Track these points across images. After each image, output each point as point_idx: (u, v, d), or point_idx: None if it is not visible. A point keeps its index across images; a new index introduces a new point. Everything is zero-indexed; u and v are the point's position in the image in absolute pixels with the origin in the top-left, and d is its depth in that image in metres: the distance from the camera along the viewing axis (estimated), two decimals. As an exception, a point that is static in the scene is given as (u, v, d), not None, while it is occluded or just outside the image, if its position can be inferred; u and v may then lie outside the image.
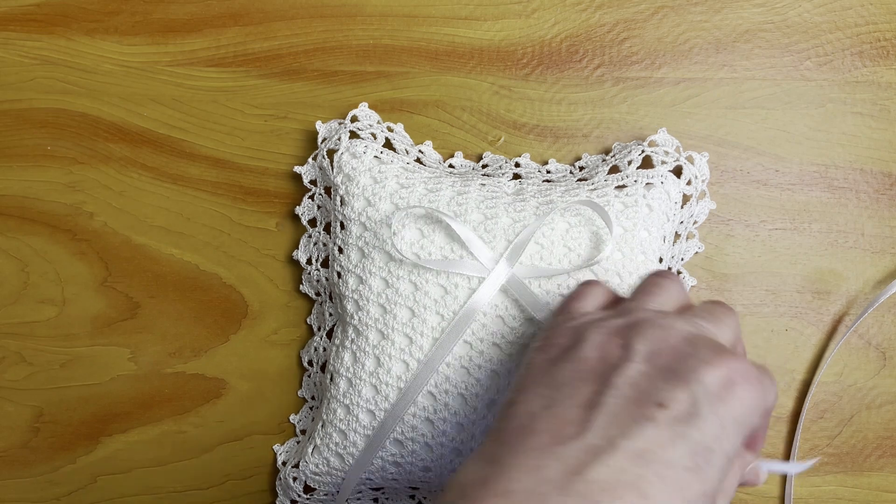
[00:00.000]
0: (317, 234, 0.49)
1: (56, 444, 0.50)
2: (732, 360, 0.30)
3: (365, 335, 0.45)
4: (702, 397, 0.28)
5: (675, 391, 0.29)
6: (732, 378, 0.29)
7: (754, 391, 0.30)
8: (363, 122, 0.47)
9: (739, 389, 0.29)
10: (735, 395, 0.29)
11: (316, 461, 0.47)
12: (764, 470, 0.34)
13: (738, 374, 0.29)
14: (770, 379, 0.31)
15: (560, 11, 0.50)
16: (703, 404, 0.28)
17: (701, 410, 0.28)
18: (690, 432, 0.27)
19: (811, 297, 0.49)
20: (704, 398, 0.28)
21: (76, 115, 0.51)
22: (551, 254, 0.44)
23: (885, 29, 0.50)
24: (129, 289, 0.50)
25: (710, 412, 0.28)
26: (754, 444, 0.34)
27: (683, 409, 0.28)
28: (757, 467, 0.34)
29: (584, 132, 0.50)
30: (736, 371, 0.29)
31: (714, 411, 0.28)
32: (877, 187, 0.49)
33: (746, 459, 0.33)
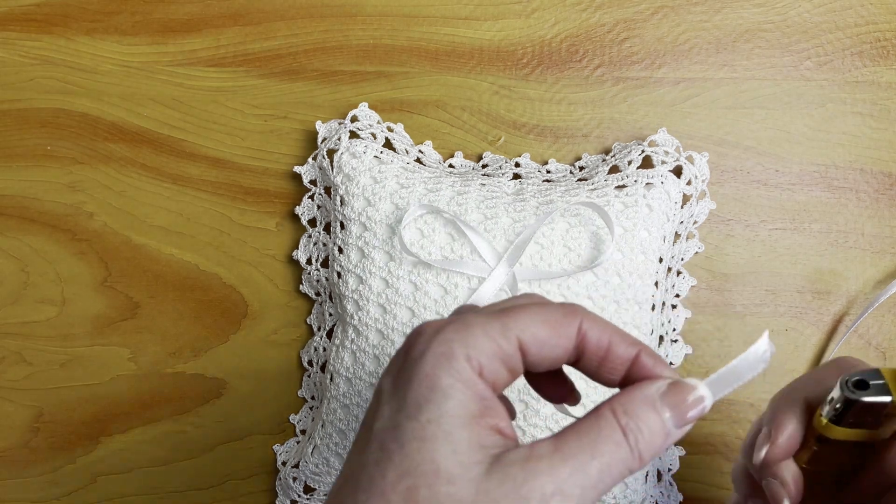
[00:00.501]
0: (317, 234, 0.49)
1: (56, 444, 0.50)
2: (416, 332, 0.27)
3: (365, 335, 0.45)
4: (385, 388, 0.26)
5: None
6: (407, 347, 0.26)
7: (428, 345, 0.26)
8: (363, 122, 0.47)
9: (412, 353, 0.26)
10: (411, 362, 0.26)
11: (316, 461, 0.47)
12: (699, 392, 0.26)
13: (412, 336, 0.26)
14: (457, 322, 0.26)
15: (560, 11, 0.50)
16: (384, 394, 0.26)
17: (381, 400, 0.26)
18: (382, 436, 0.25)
19: (811, 297, 0.49)
20: (387, 388, 0.26)
21: (76, 115, 0.51)
22: (551, 254, 0.44)
23: (885, 29, 0.50)
24: (129, 289, 0.50)
25: (391, 395, 0.26)
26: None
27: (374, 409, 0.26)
28: (677, 391, 0.26)
29: (584, 132, 0.50)
30: (412, 335, 0.27)
31: (394, 394, 0.25)
32: (877, 187, 0.49)
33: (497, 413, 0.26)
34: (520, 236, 0.44)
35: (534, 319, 0.26)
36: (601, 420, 0.25)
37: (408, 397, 0.25)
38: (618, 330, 0.27)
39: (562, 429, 0.25)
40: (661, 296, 0.47)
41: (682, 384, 0.26)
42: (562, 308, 0.27)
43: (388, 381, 0.26)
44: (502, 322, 0.26)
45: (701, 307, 0.49)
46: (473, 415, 0.25)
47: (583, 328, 0.27)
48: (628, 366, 0.27)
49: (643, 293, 0.45)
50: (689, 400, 0.26)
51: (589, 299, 0.44)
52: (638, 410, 0.26)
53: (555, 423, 0.44)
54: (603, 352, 0.27)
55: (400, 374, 0.26)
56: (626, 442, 0.25)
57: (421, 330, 0.26)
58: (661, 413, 0.26)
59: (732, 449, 0.49)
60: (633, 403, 0.26)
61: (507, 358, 0.26)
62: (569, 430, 0.25)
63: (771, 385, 0.49)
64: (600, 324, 0.27)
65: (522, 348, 0.26)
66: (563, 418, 0.44)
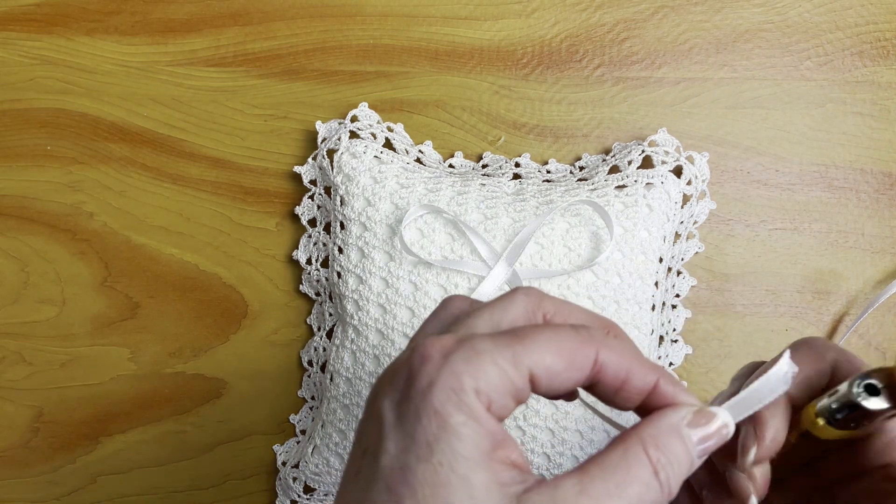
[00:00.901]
0: (317, 234, 0.49)
1: (56, 444, 0.50)
2: (415, 352, 0.24)
3: (365, 335, 0.45)
4: (387, 415, 0.24)
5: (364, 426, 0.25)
6: (411, 373, 0.24)
7: (431, 370, 0.24)
8: (363, 122, 0.47)
9: (418, 375, 0.24)
10: (417, 384, 0.24)
11: (316, 461, 0.47)
12: (721, 420, 0.26)
13: (418, 361, 0.24)
14: (466, 348, 0.24)
15: (560, 11, 0.50)
16: (388, 425, 0.24)
17: (386, 433, 0.24)
18: (379, 464, 0.23)
19: (811, 297, 0.49)
20: (390, 414, 0.24)
21: (76, 115, 0.51)
22: (551, 254, 0.44)
23: (885, 29, 0.50)
24: (129, 289, 0.50)
25: (396, 427, 0.23)
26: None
27: (373, 441, 0.24)
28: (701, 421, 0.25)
29: (584, 132, 0.50)
30: (416, 359, 0.24)
31: (403, 422, 0.23)
32: (877, 187, 0.49)
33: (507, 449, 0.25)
34: (518, 235, 0.44)
35: (548, 349, 0.24)
36: (630, 456, 0.24)
37: (416, 435, 0.23)
38: (636, 356, 0.25)
39: (585, 461, 0.24)
40: (661, 296, 0.47)
41: (705, 412, 0.25)
42: (577, 335, 0.25)
43: (389, 406, 0.24)
44: (514, 351, 0.24)
45: (701, 307, 0.49)
46: (486, 453, 0.23)
47: (599, 359, 0.25)
48: (647, 394, 0.25)
49: (643, 293, 0.45)
50: (713, 429, 0.25)
51: (589, 299, 0.44)
52: (667, 443, 0.24)
53: (554, 423, 0.44)
54: (620, 382, 0.25)
55: (405, 402, 0.24)
56: (656, 480, 0.24)
57: (426, 354, 0.24)
58: (687, 443, 0.25)
59: (732, 449, 0.49)
60: (662, 435, 0.24)
61: (516, 391, 0.24)
62: (594, 467, 0.23)
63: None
64: (618, 352, 0.25)
65: (533, 380, 0.24)
66: (563, 418, 0.44)
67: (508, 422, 0.44)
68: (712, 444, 0.25)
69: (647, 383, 0.25)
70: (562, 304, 0.27)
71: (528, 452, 0.44)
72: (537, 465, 0.44)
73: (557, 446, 0.44)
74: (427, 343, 0.24)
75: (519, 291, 0.27)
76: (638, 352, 0.26)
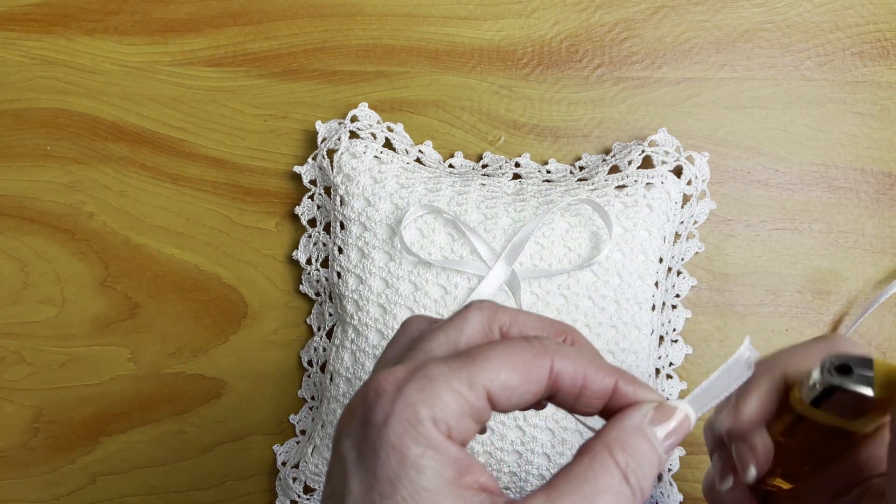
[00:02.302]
0: (317, 234, 0.48)
1: (56, 444, 0.50)
2: (369, 387, 0.24)
3: (365, 335, 0.45)
4: (348, 455, 0.24)
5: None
6: (367, 409, 0.24)
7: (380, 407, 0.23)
8: (363, 122, 0.47)
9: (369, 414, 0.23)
10: (369, 426, 0.23)
11: (316, 461, 0.47)
12: (683, 413, 0.25)
13: (372, 396, 0.24)
14: (419, 377, 0.24)
15: (560, 11, 0.50)
16: (349, 464, 0.24)
17: (348, 471, 0.23)
18: None
19: (811, 297, 0.49)
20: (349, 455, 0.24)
21: (76, 115, 0.51)
22: (551, 254, 0.44)
23: (885, 29, 0.50)
24: (129, 289, 0.50)
25: (358, 466, 0.23)
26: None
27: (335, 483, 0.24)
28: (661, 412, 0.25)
29: (584, 132, 0.50)
30: (371, 394, 0.24)
31: (359, 463, 0.23)
32: (877, 187, 0.49)
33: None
34: (517, 234, 0.44)
35: (502, 364, 0.24)
36: (596, 464, 0.23)
37: (378, 473, 0.22)
38: (593, 360, 0.25)
39: (553, 476, 0.23)
40: (661, 296, 0.47)
41: (666, 407, 0.25)
42: (529, 347, 0.25)
43: (349, 447, 0.24)
44: (468, 371, 0.23)
45: (701, 307, 0.49)
46: (451, 481, 0.23)
47: (554, 368, 0.24)
48: (607, 397, 0.25)
49: (643, 293, 0.45)
50: (675, 423, 0.25)
51: (589, 299, 0.44)
52: (633, 444, 0.24)
53: (555, 422, 0.44)
54: (578, 388, 0.25)
55: (363, 441, 0.23)
56: (627, 485, 0.23)
57: (379, 389, 0.24)
58: (653, 441, 0.24)
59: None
60: (627, 437, 0.24)
61: (475, 412, 0.24)
62: (561, 481, 0.23)
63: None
64: (573, 359, 0.25)
65: (491, 398, 0.24)
66: (563, 418, 0.44)
67: (508, 420, 0.44)
68: (676, 438, 0.25)
69: (605, 386, 0.25)
70: (516, 315, 0.27)
71: (528, 453, 0.44)
72: (538, 466, 0.44)
73: (558, 446, 0.44)
74: (381, 377, 0.24)
75: (473, 307, 0.27)
76: (595, 356, 0.26)
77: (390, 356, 0.27)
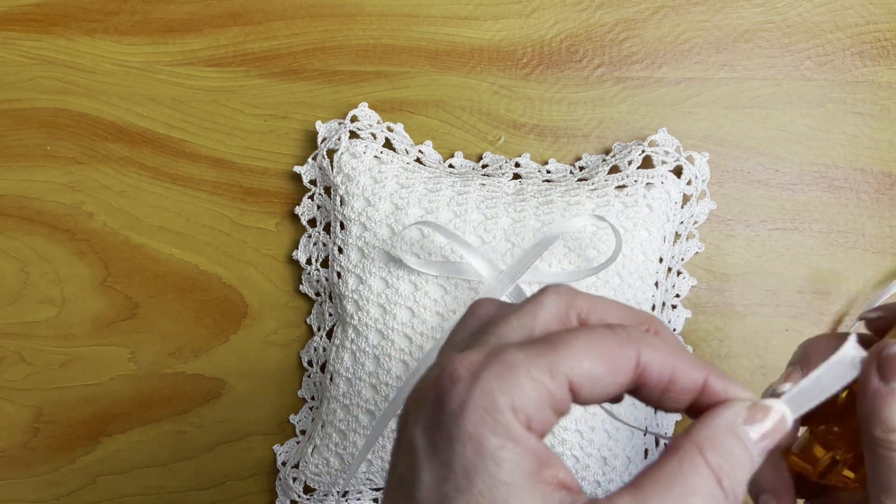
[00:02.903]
0: (317, 234, 0.49)
1: (56, 444, 0.50)
2: (443, 371, 0.23)
3: (365, 335, 0.45)
4: (418, 440, 0.22)
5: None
6: (440, 395, 0.22)
7: (456, 394, 0.22)
8: (363, 122, 0.47)
9: (444, 401, 0.22)
10: (445, 412, 0.22)
11: (316, 461, 0.47)
12: (779, 413, 0.24)
13: (446, 382, 0.22)
14: (497, 363, 0.22)
15: (560, 11, 0.50)
16: (419, 449, 0.22)
17: (419, 459, 0.22)
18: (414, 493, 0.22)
19: (811, 297, 0.49)
20: (420, 439, 0.22)
21: (76, 115, 0.51)
22: (551, 254, 0.44)
23: (885, 29, 0.50)
24: (129, 289, 0.50)
25: (430, 455, 0.22)
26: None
27: (403, 469, 0.23)
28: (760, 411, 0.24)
29: (584, 132, 0.50)
30: (445, 379, 0.22)
31: (435, 448, 0.22)
32: (877, 187, 0.49)
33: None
34: (521, 258, 0.43)
35: (585, 353, 0.22)
36: (686, 465, 0.22)
37: (453, 463, 0.21)
38: (682, 353, 0.24)
39: (638, 475, 0.22)
40: (661, 296, 0.47)
41: (761, 406, 0.23)
42: (614, 336, 0.23)
43: (420, 432, 0.22)
44: (549, 360, 0.22)
45: (701, 307, 0.49)
46: (530, 475, 0.21)
47: (641, 360, 0.23)
48: (696, 393, 0.24)
49: (643, 293, 0.45)
50: (771, 424, 0.23)
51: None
52: (726, 445, 0.22)
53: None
54: (665, 382, 0.23)
55: (436, 429, 0.22)
56: (720, 489, 0.22)
57: (454, 374, 0.22)
58: (746, 443, 0.23)
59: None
60: (719, 437, 0.22)
61: (556, 403, 0.22)
62: (648, 481, 0.22)
63: (771, 385, 0.49)
64: (661, 350, 0.23)
65: (573, 389, 0.22)
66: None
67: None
68: (771, 440, 0.23)
69: (694, 381, 0.23)
70: (596, 301, 0.26)
71: None
72: None
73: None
74: (454, 361, 0.23)
75: (549, 291, 0.25)
76: (682, 348, 0.24)
77: (458, 339, 0.26)
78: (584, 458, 0.44)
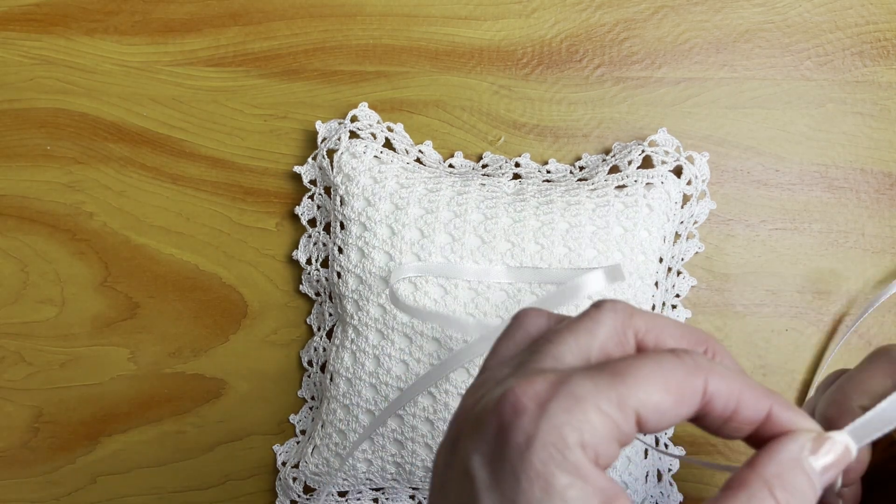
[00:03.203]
0: (317, 234, 0.49)
1: (56, 444, 0.50)
2: (505, 400, 0.22)
3: (365, 335, 0.45)
4: (478, 471, 0.22)
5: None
6: (504, 426, 0.22)
7: (524, 427, 0.21)
8: (363, 122, 0.47)
9: (509, 434, 0.21)
10: (509, 444, 0.21)
11: (316, 461, 0.47)
12: (844, 446, 0.23)
13: (510, 412, 0.22)
14: (564, 395, 0.22)
15: (560, 11, 0.50)
16: (480, 483, 0.22)
17: (479, 490, 0.21)
18: None
19: (811, 297, 0.49)
20: (481, 470, 0.22)
21: (76, 114, 0.51)
22: (552, 254, 0.44)
23: (885, 28, 0.50)
24: (129, 289, 0.50)
25: (492, 489, 0.21)
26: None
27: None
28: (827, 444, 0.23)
29: (584, 132, 0.50)
30: (508, 409, 0.22)
31: (497, 480, 0.21)
32: (877, 187, 0.49)
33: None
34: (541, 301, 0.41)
35: (654, 384, 0.22)
36: (755, 501, 0.21)
37: (518, 500, 0.20)
38: (746, 381, 0.23)
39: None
40: (661, 296, 0.47)
41: (825, 438, 0.23)
42: (682, 365, 0.22)
43: (480, 463, 0.22)
44: (618, 393, 0.21)
45: (701, 307, 0.49)
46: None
47: (709, 390, 0.22)
48: (760, 423, 0.23)
49: (643, 293, 0.45)
50: (835, 457, 0.23)
51: (589, 299, 0.44)
52: (792, 480, 0.22)
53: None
54: (730, 412, 0.23)
55: (499, 461, 0.21)
56: None
57: (518, 405, 0.21)
58: (811, 476, 0.22)
59: (733, 449, 0.49)
60: (787, 472, 0.22)
61: (622, 437, 0.22)
62: None
63: (773, 387, 0.49)
64: (728, 379, 0.22)
65: (639, 421, 0.22)
66: None
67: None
68: (835, 473, 0.23)
69: (759, 411, 0.23)
70: (653, 320, 0.25)
71: None
72: None
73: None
74: (517, 388, 0.22)
75: (605, 308, 0.24)
76: (745, 375, 0.24)
77: (506, 354, 0.25)
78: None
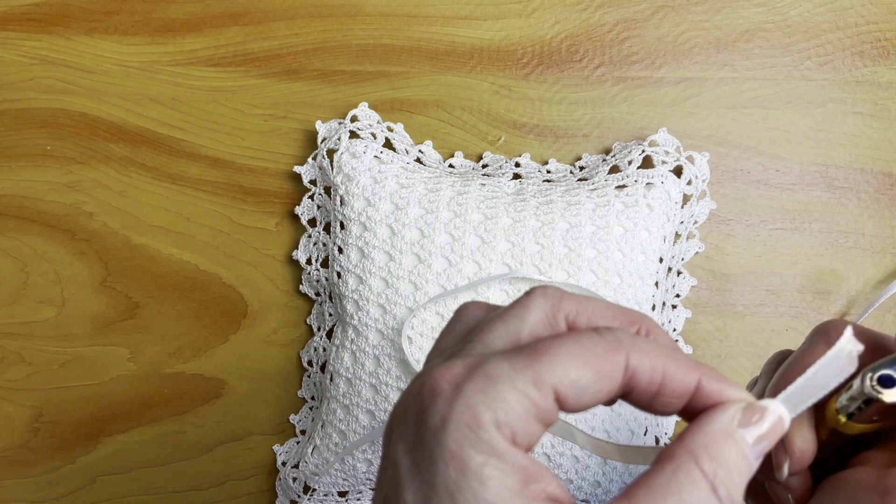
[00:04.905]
0: (317, 234, 0.48)
1: (56, 444, 0.50)
2: (424, 385, 0.22)
3: (365, 335, 0.45)
4: (401, 458, 0.22)
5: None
6: (422, 410, 0.21)
7: (439, 409, 0.21)
8: (363, 122, 0.47)
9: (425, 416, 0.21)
10: (426, 426, 0.21)
11: (316, 461, 0.47)
12: (776, 414, 0.23)
13: (427, 396, 0.21)
14: (479, 376, 0.21)
15: (560, 11, 0.50)
16: (403, 467, 0.21)
17: (402, 477, 0.21)
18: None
19: (811, 297, 0.49)
20: (403, 457, 0.22)
21: (76, 114, 0.51)
22: (552, 254, 0.44)
23: (885, 28, 0.50)
24: (129, 289, 0.50)
25: (413, 474, 0.21)
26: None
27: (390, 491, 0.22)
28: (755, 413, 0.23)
29: (585, 132, 0.50)
30: (426, 393, 0.22)
31: (417, 465, 0.21)
32: (877, 187, 0.49)
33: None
34: None
35: (571, 361, 0.21)
36: (681, 474, 0.21)
37: (435, 483, 0.20)
38: (672, 355, 0.23)
39: (631, 485, 0.21)
40: (661, 296, 0.47)
41: (756, 407, 0.22)
42: (602, 341, 0.22)
43: (403, 450, 0.21)
44: (533, 370, 0.21)
45: (701, 307, 0.49)
46: (517, 491, 0.20)
47: (630, 365, 0.22)
48: (689, 396, 0.22)
49: (643, 293, 0.45)
50: (767, 426, 0.22)
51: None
52: (721, 451, 0.21)
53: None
54: (656, 386, 0.22)
55: (418, 446, 0.21)
56: (716, 497, 0.21)
57: (435, 388, 0.21)
58: (742, 447, 0.22)
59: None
60: (715, 443, 0.21)
61: (542, 414, 0.21)
62: (641, 491, 0.21)
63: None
64: (650, 354, 0.22)
65: (559, 399, 0.21)
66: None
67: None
68: (769, 443, 0.22)
69: (686, 384, 0.22)
70: (584, 302, 0.24)
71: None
72: None
73: (557, 446, 0.44)
74: (435, 373, 0.22)
75: (535, 294, 0.24)
76: (675, 349, 0.23)
77: (444, 346, 0.25)
78: (584, 458, 0.44)
